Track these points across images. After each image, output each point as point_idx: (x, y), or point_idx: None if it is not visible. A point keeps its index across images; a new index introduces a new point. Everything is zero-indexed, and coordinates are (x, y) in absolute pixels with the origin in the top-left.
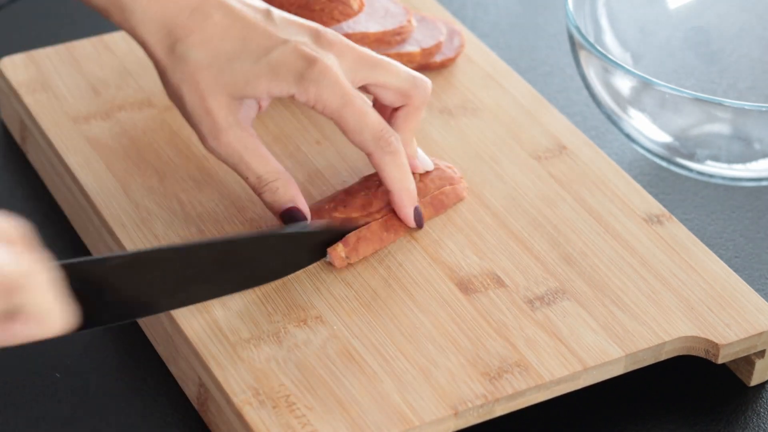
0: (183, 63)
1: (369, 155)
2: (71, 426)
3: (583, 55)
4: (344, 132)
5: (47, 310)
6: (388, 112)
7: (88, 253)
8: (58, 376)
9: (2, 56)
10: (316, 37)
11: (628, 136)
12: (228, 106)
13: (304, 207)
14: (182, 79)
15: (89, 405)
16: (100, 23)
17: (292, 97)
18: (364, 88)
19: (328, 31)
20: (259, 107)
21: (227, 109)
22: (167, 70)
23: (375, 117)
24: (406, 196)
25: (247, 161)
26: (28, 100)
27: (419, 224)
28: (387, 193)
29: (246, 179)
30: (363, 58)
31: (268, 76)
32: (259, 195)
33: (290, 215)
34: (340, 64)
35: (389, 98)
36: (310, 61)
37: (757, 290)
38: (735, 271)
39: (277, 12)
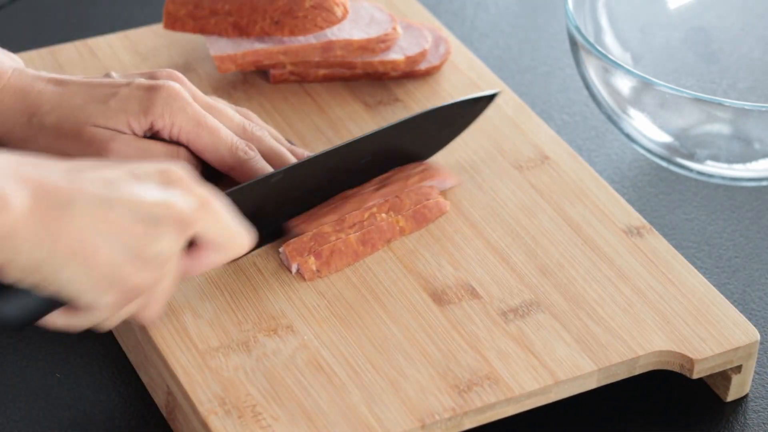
0: (44, 130)
1: (230, 171)
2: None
3: (583, 55)
4: (201, 152)
5: (226, 233)
6: None
7: None
8: (58, 376)
9: None
10: (154, 76)
11: (628, 136)
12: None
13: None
14: (48, 143)
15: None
16: (85, 28)
17: (157, 132)
18: None
19: (164, 69)
20: None
21: (105, 129)
22: (29, 141)
23: (226, 131)
24: None
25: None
26: None
27: None
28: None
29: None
30: (198, 96)
31: (121, 111)
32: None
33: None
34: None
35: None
36: (154, 88)
37: (756, 291)
38: (735, 271)
39: (115, 73)
